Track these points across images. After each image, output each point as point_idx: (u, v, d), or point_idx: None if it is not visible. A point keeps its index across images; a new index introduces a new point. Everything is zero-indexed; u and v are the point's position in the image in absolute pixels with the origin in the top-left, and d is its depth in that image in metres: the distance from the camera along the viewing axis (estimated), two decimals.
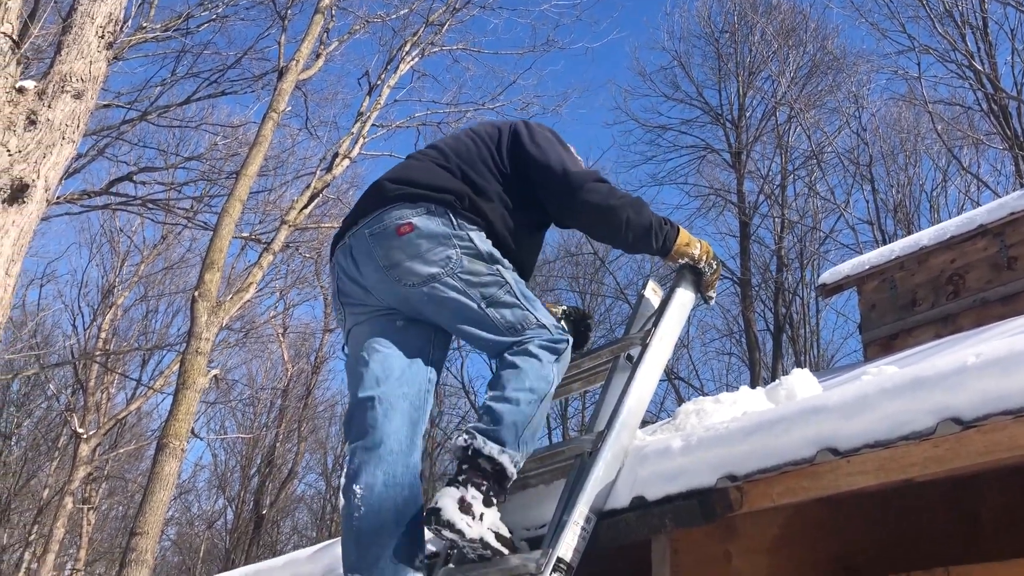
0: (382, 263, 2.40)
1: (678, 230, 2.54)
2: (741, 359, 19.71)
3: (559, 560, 2.01)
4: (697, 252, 2.57)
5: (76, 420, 20.71)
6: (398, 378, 2.36)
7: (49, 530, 20.92)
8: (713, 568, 2.04)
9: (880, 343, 5.43)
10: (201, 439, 22.12)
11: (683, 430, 2.22)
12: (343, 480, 2.24)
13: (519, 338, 2.35)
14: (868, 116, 18.26)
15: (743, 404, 2.39)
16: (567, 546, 2.03)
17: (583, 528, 2.06)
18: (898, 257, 5.38)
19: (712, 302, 2.70)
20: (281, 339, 23.70)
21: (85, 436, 20.04)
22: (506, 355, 2.34)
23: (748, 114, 18.85)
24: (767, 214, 18.62)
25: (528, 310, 2.39)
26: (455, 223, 2.40)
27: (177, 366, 14.48)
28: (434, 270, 2.35)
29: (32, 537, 24.26)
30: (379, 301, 2.46)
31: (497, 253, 2.43)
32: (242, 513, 25.91)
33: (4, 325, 5.05)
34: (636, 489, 2.06)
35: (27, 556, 24.09)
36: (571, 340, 2.42)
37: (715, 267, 2.63)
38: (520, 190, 2.54)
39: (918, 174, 18.16)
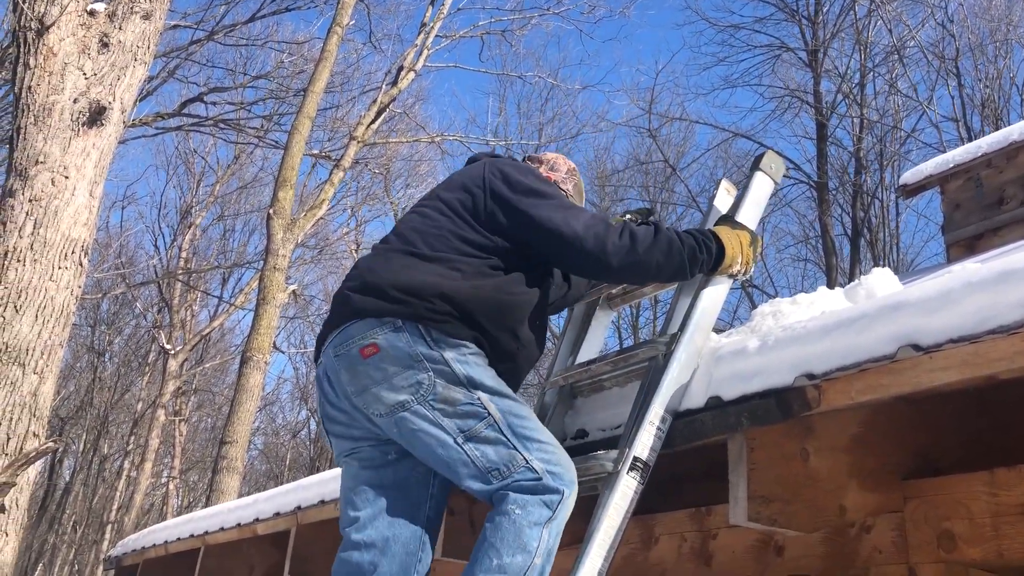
0: (349, 388, 2.10)
1: (718, 249, 2.25)
2: (817, 265, 19.34)
3: (635, 459, 2.04)
4: (738, 266, 2.29)
5: (163, 337, 21.61)
6: (390, 521, 2.09)
7: (145, 441, 22.12)
8: (790, 467, 2.04)
9: (964, 244, 5.26)
10: (283, 352, 22.86)
11: (759, 332, 2.21)
12: None
13: (504, 483, 1.99)
14: (955, 6, 17.31)
15: (821, 305, 2.35)
16: (643, 445, 2.06)
17: (658, 428, 2.08)
18: (985, 154, 5.15)
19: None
20: (355, 254, 24.09)
21: (172, 352, 20.92)
22: (492, 508, 2.01)
23: (825, 9, 18.01)
24: (845, 114, 17.98)
25: (516, 448, 2.00)
26: (428, 339, 2.04)
27: (256, 283, 14.90)
28: (403, 397, 2.03)
29: (130, 447, 25.70)
30: (364, 431, 2.16)
31: (480, 375, 2.06)
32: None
33: (91, 246, 5.24)
34: (712, 389, 2.07)
35: (126, 465, 25.58)
36: (574, 487, 2.04)
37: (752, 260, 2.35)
38: (514, 251, 2.20)
39: (1009, 66, 17.25)
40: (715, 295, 2.28)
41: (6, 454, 3.73)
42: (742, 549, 2.55)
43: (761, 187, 2.46)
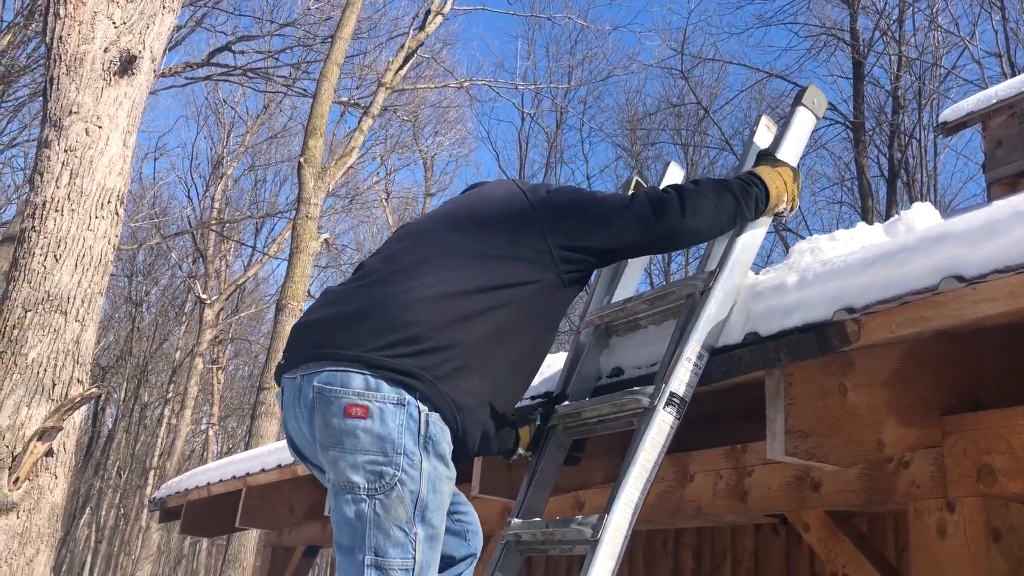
0: (318, 436, 1.86)
1: (764, 189, 2.21)
2: (853, 207, 19.06)
3: (672, 394, 2.04)
4: (784, 204, 2.26)
5: (199, 287, 21.90)
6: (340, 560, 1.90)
7: (184, 389, 22.59)
8: (828, 402, 2.04)
9: (1006, 182, 5.13)
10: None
11: (797, 268, 2.19)
12: None
13: None
14: None
15: (860, 240, 2.32)
16: (680, 381, 2.06)
17: (695, 364, 2.08)
18: None
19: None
20: (385, 203, 24.14)
21: (208, 301, 21.21)
22: None
23: None
24: (883, 52, 17.53)
25: None
26: (420, 430, 1.80)
27: (289, 232, 14.99)
28: (356, 479, 1.80)
29: (169, 395, 26.26)
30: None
31: (436, 508, 1.84)
32: None
33: (126, 195, 5.29)
34: (750, 325, 2.06)
35: (167, 412, 26.16)
36: None
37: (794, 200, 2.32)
38: (561, 263, 2.04)
39: None
40: (754, 231, 2.26)
41: (52, 400, 3.82)
42: (778, 486, 2.56)
43: (803, 122, 2.41)
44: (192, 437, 27.77)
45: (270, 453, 4.57)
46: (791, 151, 2.36)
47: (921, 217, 2.33)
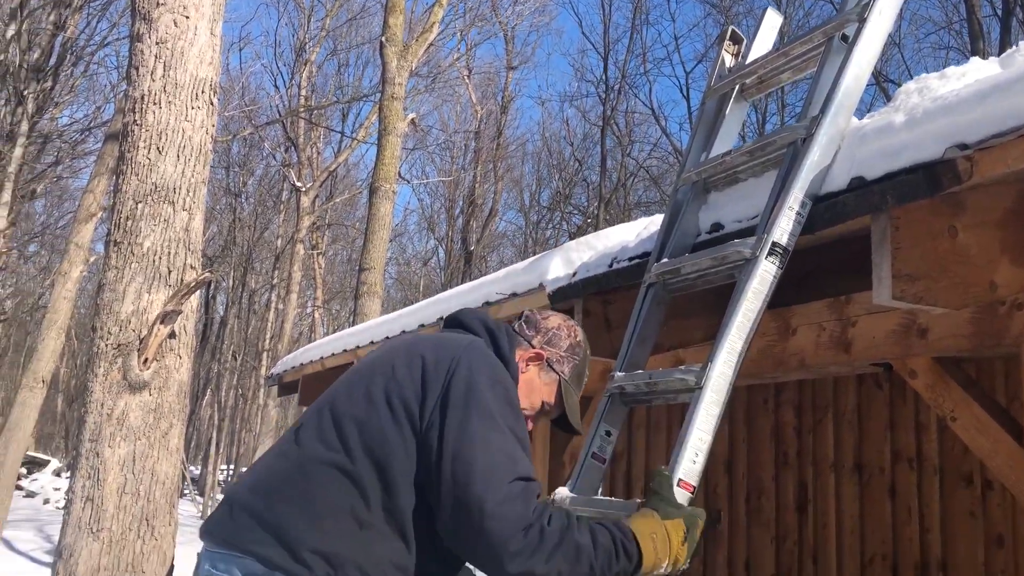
0: None
1: (638, 556, 1.74)
2: (961, 52, 17.86)
3: (774, 244, 2.02)
4: (666, 563, 1.77)
5: (293, 175, 22.37)
6: None
7: (288, 274, 23.44)
8: (937, 244, 1.98)
9: None
10: (408, 182, 23.32)
11: (905, 108, 2.09)
12: None
13: None
14: None
15: (973, 75, 2.20)
16: (781, 230, 2.03)
17: (798, 213, 2.05)
18: None
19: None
20: (467, 80, 23.86)
21: (303, 189, 21.68)
22: None
23: None
24: None
25: None
26: None
27: (375, 115, 15.05)
28: None
29: (274, 281, 27.30)
30: None
31: None
32: (452, 251, 27.67)
33: (218, 85, 5.37)
34: (854, 170, 2.00)
35: (273, 297, 27.28)
36: None
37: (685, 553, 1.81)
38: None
39: None
40: (858, 73, 2.17)
41: (169, 285, 4.01)
42: (883, 334, 2.54)
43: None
44: (299, 320, 28.98)
45: (377, 326, 4.75)
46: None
47: None
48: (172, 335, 4.00)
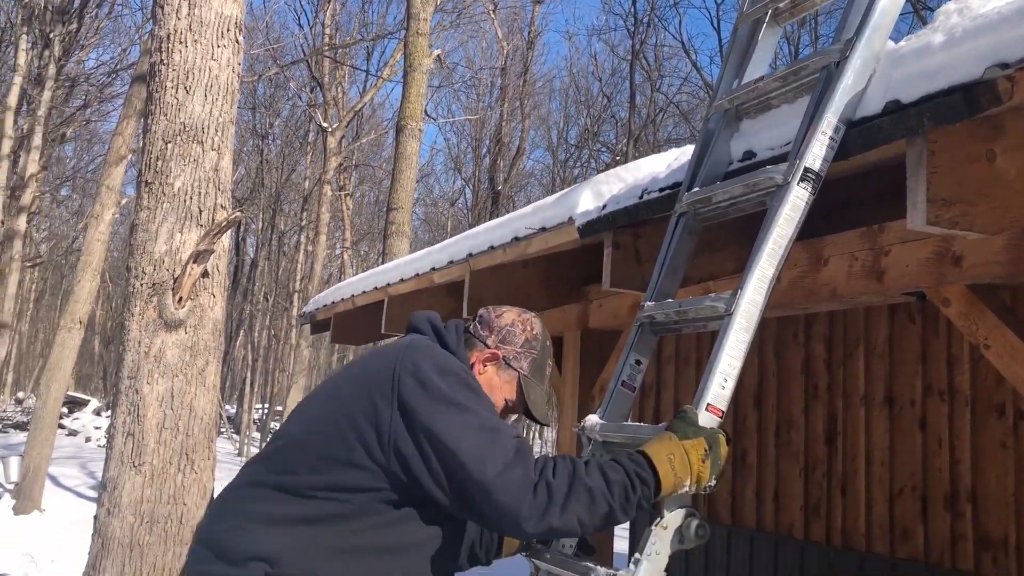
0: None
1: (655, 480, 1.77)
2: None
3: (807, 169, 1.99)
4: (686, 487, 1.80)
5: (319, 115, 22.29)
6: None
7: (316, 216, 23.53)
8: (974, 169, 1.94)
9: None
10: (434, 120, 23.17)
11: (943, 29, 2.03)
12: None
13: None
14: None
15: None
16: (814, 156, 2.00)
17: (831, 138, 2.01)
18: None
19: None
20: (493, 15, 23.48)
21: (330, 129, 21.62)
22: None
23: None
24: None
25: None
26: None
27: (400, 53, 14.90)
28: None
29: (303, 223, 27.45)
30: None
31: None
32: (479, 191, 27.58)
33: (243, 23, 5.33)
34: (890, 94, 1.95)
35: (302, 239, 27.47)
36: None
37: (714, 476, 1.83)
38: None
39: None
40: None
41: (200, 225, 4.03)
42: (916, 263, 2.51)
43: None
44: (328, 262, 29.18)
45: (408, 263, 4.77)
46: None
47: None
48: (205, 274, 4.04)
